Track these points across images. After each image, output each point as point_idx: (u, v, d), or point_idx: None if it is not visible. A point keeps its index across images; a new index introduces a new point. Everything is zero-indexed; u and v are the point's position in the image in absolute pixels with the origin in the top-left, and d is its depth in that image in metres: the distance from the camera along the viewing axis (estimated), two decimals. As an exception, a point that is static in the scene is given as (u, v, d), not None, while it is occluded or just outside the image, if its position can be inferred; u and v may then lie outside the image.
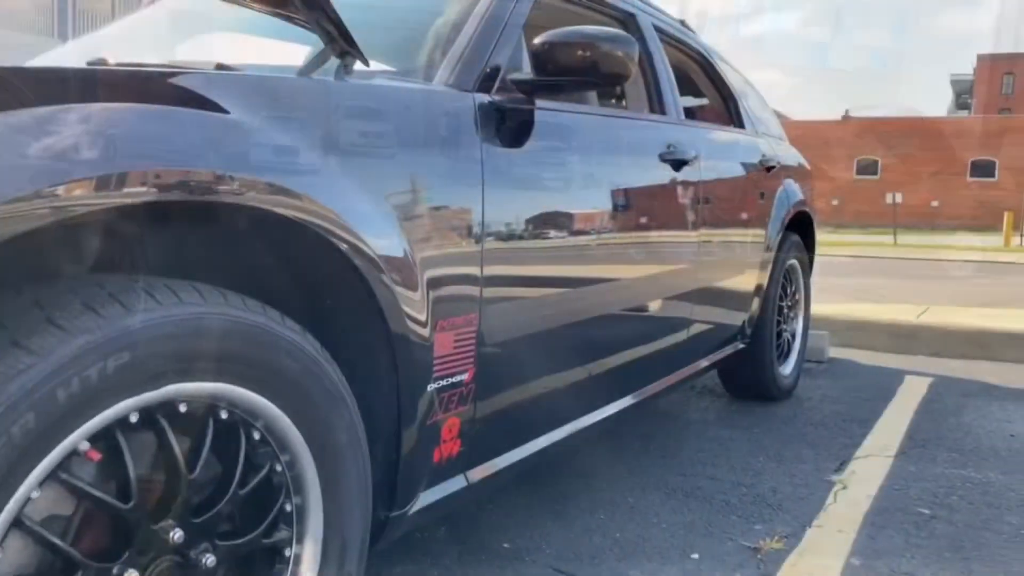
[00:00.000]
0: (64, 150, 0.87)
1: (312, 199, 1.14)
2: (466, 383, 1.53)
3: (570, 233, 1.83)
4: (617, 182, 2.06)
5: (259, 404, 1.11)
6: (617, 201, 2.04)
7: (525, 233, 1.67)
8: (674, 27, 2.97)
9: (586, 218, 1.90)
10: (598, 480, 2.41)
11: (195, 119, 1.03)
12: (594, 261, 1.93)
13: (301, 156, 1.16)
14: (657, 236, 2.25)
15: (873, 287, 8.72)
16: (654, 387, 2.40)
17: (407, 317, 1.32)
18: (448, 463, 1.54)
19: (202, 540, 1.06)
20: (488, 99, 1.65)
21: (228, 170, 1.02)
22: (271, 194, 1.08)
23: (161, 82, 1.07)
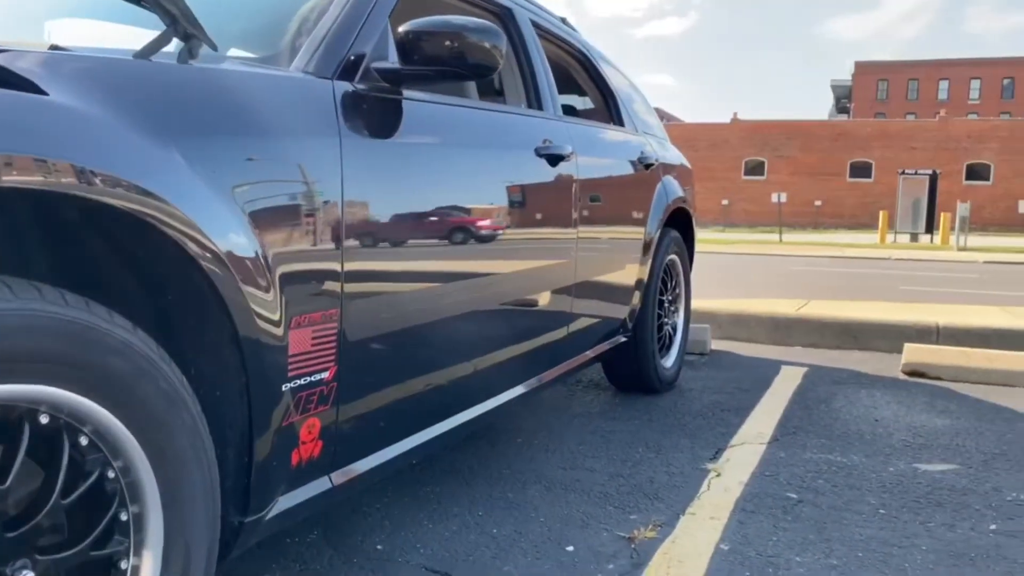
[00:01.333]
0: None
1: (148, 190, 1.07)
2: (327, 382, 1.48)
3: (440, 227, 1.80)
4: (491, 176, 2.05)
5: (85, 407, 1.03)
6: (490, 195, 2.02)
7: (391, 227, 1.63)
8: (554, 24, 2.98)
9: (458, 212, 1.88)
10: (477, 477, 2.39)
11: (7, 100, 0.95)
12: (466, 256, 1.91)
13: (136, 144, 1.09)
14: (533, 231, 2.24)
15: (757, 283, 9.07)
16: (534, 382, 2.40)
17: (256, 315, 1.26)
18: (309, 465, 1.49)
19: (19, 555, 0.97)
20: (350, 88, 1.60)
21: (47, 156, 0.94)
22: (102, 184, 1.00)
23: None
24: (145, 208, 1.07)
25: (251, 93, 1.39)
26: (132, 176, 1.06)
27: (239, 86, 1.38)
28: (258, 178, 1.31)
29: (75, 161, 0.98)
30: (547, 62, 2.67)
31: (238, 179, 1.27)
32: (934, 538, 2.01)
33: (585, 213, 2.56)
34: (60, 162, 0.96)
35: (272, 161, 1.35)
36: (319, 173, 1.44)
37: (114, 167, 1.04)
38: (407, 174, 1.72)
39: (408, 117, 1.76)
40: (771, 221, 34.56)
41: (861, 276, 10.78)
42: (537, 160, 2.27)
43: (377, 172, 1.61)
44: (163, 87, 1.22)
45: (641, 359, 3.32)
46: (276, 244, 1.32)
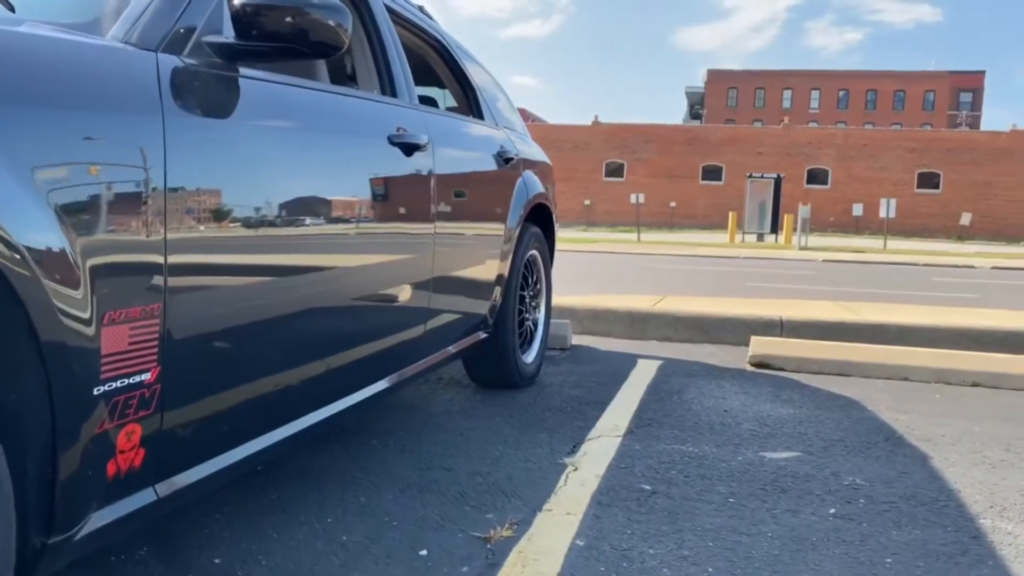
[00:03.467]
0: None
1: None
2: (148, 384, 1.34)
3: (279, 217, 1.68)
4: (338, 163, 1.95)
5: None
6: (338, 183, 1.92)
7: (224, 216, 1.50)
8: (410, 12, 2.90)
9: (301, 201, 1.76)
10: (329, 481, 2.28)
11: None
12: (311, 248, 1.80)
13: None
14: (386, 224, 2.15)
15: (616, 280, 9.31)
16: (390, 380, 2.31)
17: (59, 311, 1.12)
18: (129, 476, 1.34)
19: None
20: (178, 62, 1.46)
21: None
22: None
23: None
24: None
25: (58, 62, 1.23)
26: None
27: (43, 53, 1.22)
28: (65, 158, 1.16)
29: None
30: (402, 49, 2.58)
31: (40, 159, 1.12)
32: (779, 524, 2.07)
33: (443, 207, 2.49)
34: None
35: (82, 140, 1.20)
36: (138, 154, 1.30)
37: None
38: (243, 159, 1.60)
39: (245, 97, 1.63)
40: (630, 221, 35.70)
41: (712, 273, 11.29)
42: (390, 148, 2.18)
43: (208, 156, 1.48)
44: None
45: (502, 355, 3.29)
46: (86, 234, 1.18)
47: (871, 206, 34.13)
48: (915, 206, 41.89)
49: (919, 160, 43.09)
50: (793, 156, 43.66)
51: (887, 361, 4.00)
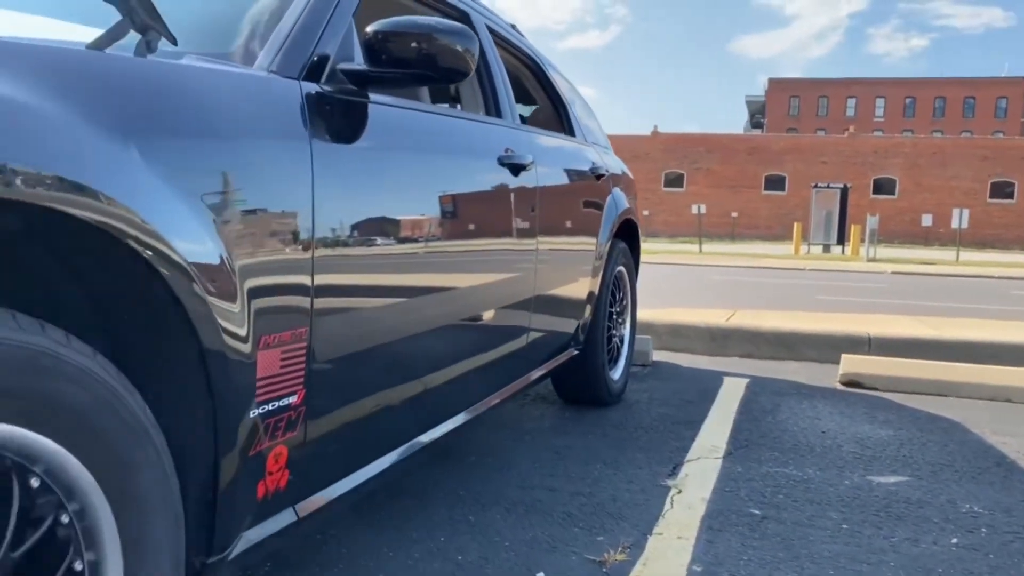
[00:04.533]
0: None
1: (107, 196, 0.95)
2: (295, 406, 1.37)
3: (408, 238, 1.70)
4: (457, 185, 1.96)
5: (37, 444, 0.90)
6: (457, 205, 1.94)
7: (360, 238, 1.53)
8: (506, 30, 2.92)
9: (425, 222, 1.78)
10: (434, 500, 2.29)
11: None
12: (433, 268, 1.82)
13: (94, 144, 0.97)
14: (497, 243, 2.16)
15: (682, 293, 9.20)
16: (494, 398, 2.32)
17: (224, 334, 1.15)
18: (275, 497, 1.37)
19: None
20: (317, 89, 1.49)
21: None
22: (55, 189, 0.88)
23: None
24: (110, 219, 0.95)
25: (218, 92, 1.27)
26: (96, 183, 0.93)
27: (205, 84, 1.26)
28: (227, 184, 1.20)
29: (26, 165, 0.85)
30: (504, 69, 2.60)
31: (205, 184, 1.15)
32: (899, 553, 2.01)
33: (544, 225, 2.50)
34: (27, 168, 0.84)
35: (241, 165, 1.24)
36: (290, 179, 1.33)
37: (78, 173, 0.92)
38: (374, 182, 1.62)
39: (375, 122, 1.65)
40: (690, 232, 35.35)
41: (779, 286, 11.08)
42: (500, 169, 2.19)
43: (345, 179, 1.51)
44: (121, 82, 1.09)
45: (591, 372, 3.27)
46: (245, 256, 1.21)
47: (940, 216, 33.17)
48: (988, 216, 40.60)
49: (992, 169, 41.74)
50: (858, 165, 42.71)
51: (987, 381, 3.86)
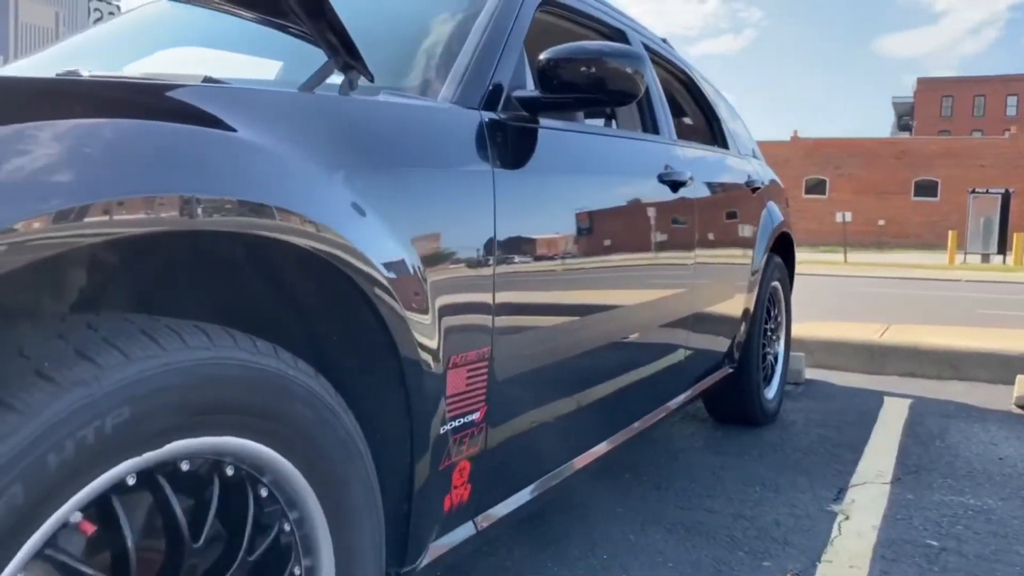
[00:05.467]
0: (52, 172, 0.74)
1: (327, 226, 1.02)
2: (477, 423, 1.42)
3: (576, 258, 1.73)
4: (621, 204, 1.98)
5: (269, 458, 0.98)
6: (621, 224, 1.95)
7: (533, 259, 1.57)
8: (658, 44, 2.92)
9: (591, 242, 1.81)
10: (593, 516, 2.30)
11: (204, 138, 0.91)
12: (599, 287, 1.84)
13: (314, 179, 1.05)
14: (658, 260, 2.16)
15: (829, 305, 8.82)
16: (655, 415, 2.31)
17: (421, 353, 1.21)
18: (458, 510, 1.42)
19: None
20: (495, 117, 1.55)
21: (238, 195, 0.90)
22: (284, 221, 0.96)
23: (161, 96, 0.95)
24: (329, 247, 1.02)
25: (412, 124, 1.34)
26: (318, 215, 1.01)
27: (401, 117, 1.33)
28: (422, 210, 1.26)
29: (273, 202, 0.94)
30: (660, 85, 2.59)
31: (404, 211, 1.22)
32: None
33: (701, 240, 2.47)
34: (264, 203, 0.92)
35: (436, 193, 1.30)
36: (475, 204, 1.39)
37: (298, 204, 1.00)
38: (545, 203, 1.66)
39: (544, 145, 1.70)
40: (833, 240, 33.85)
41: (934, 299, 10.42)
42: (660, 187, 2.19)
43: (521, 202, 1.55)
44: (334, 120, 1.18)
45: (746, 390, 3.20)
46: (438, 280, 1.27)
47: (1120, 222, 30.26)
48: None
49: None
50: (1021, 169, 39.62)
51: None
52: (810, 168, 43.17)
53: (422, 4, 1.88)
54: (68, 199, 0.73)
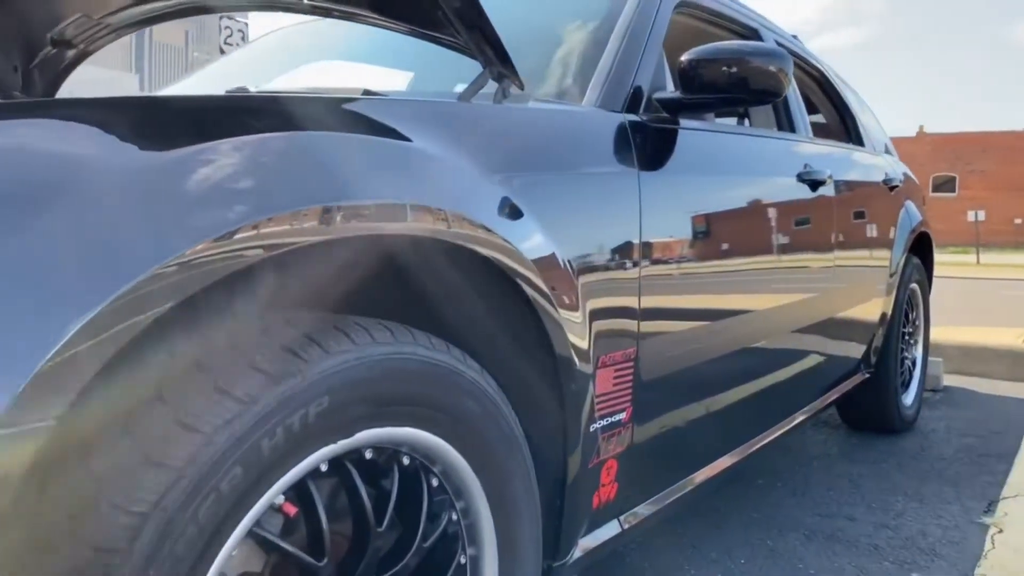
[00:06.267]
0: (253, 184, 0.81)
1: (492, 229, 1.07)
2: (624, 423, 1.44)
3: (717, 259, 1.73)
4: (761, 205, 1.95)
5: (440, 449, 1.03)
6: (760, 225, 1.93)
7: (676, 260, 1.57)
8: (791, 42, 2.85)
9: (731, 243, 1.79)
10: (727, 521, 2.28)
11: (386, 148, 0.97)
12: (740, 289, 1.83)
13: (480, 185, 1.09)
14: (797, 261, 2.12)
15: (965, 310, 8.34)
16: (791, 420, 2.27)
17: (574, 353, 1.24)
18: (605, 508, 1.44)
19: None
20: (637, 119, 1.57)
21: (419, 201, 0.95)
22: (457, 226, 1.01)
23: (341, 109, 1.01)
24: (494, 251, 1.07)
25: (560, 129, 1.38)
26: (485, 220, 1.06)
27: (550, 122, 1.37)
28: (574, 214, 1.30)
29: (446, 208, 0.99)
30: (795, 82, 2.54)
31: (557, 215, 1.25)
32: None
33: (840, 241, 2.41)
34: (439, 209, 0.97)
35: (585, 195, 1.33)
36: (622, 207, 1.41)
37: (467, 208, 1.05)
38: (686, 205, 1.66)
39: (685, 146, 1.70)
40: (963, 241, 31.98)
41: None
42: (800, 186, 2.15)
43: (664, 204, 1.56)
44: (491, 127, 1.23)
45: (883, 396, 3.08)
46: (587, 281, 1.29)
47: None
48: None
49: None
50: None
51: None
52: (938, 165, 40.94)
53: (562, 11, 1.92)
54: (282, 207, 0.80)
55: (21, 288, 0.65)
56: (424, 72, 2.14)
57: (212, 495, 0.75)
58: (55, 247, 0.68)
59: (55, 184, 0.70)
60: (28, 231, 0.67)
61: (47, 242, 0.67)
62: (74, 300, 0.67)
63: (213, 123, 0.86)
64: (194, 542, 0.74)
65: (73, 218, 0.69)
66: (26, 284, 0.65)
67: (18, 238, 0.66)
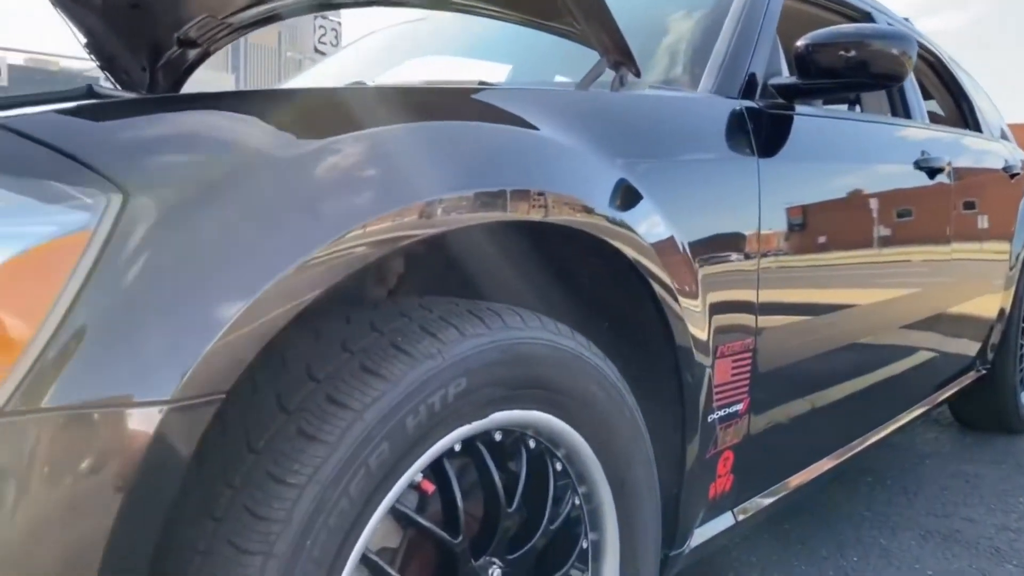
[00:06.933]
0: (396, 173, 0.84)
1: (622, 223, 1.07)
2: (740, 414, 1.42)
3: (833, 250, 1.68)
4: (878, 192, 1.89)
5: (565, 433, 1.04)
6: (878, 215, 1.87)
7: (794, 250, 1.54)
8: (904, 24, 2.75)
9: (848, 233, 1.74)
10: (836, 518, 2.22)
11: (517, 137, 0.98)
12: (855, 281, 1.77)
13: (606, 173, 1.10)
14: (912, 253, 2.04)
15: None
16: (905, 415, 2.19)
17: (694, 341, 1.23)
18: (720, 499, 1.43)
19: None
20: (753, 106, 1.54)
21: (550, 188, 0.96)
22: (583, 215, 1.02)
23: (470, 99, 1.03)
24: (614, 238, 1.07)
25: (678, 116, 1.37)
26: (609, 209, 1.06)
27: (667, 109, 1.36)
28: (694, 204, 1.29)
29: (575, 195, 1.00)
30: (909, 67, 2.44)
31: (677, 203, 1.25)
32: None
33: (958, 232, 2.31)
34: (569, 196, 0.98)
35: (704, 183, 1.32)
36: (742, 196, 1.39)
37: (593, 196, 1.05)
38: (802, 193, 1.62)
39: (800, 133, 1.66)
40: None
41: None
42: (917, 174, 2.07)
43: (781, 192, 1.53)
44: (610, 114, 1.23)
45: (1000, 394, 2.94)
46: (706, 270, 1.28)
47: None
48: None
49: None
50: None
51: None
52: (1050, 153, 38.53)
53: (675, -1, 1.90)
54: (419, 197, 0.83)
55: (191, 277, 0.69)
56: (521, 66, 2.16)
57: (362, 470, 0.78)
58: (219, 237, 0.71)
59: (220, 175, 0.74)
60: (197, 221, 0.70)
61: (211, 232, 0.71)
62: (236, 288, 0.70)
63: (350, 114, 0.89)
64: (346, 515, 0.77)
65: (236, 208, 0.73)
66: (195, 273, 0.69)
67: (187, 228, 0.70)
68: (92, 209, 0.67)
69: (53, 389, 0.62)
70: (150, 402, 0.64)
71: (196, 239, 0.69)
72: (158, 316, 0.66)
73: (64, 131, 0.72)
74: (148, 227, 0.67)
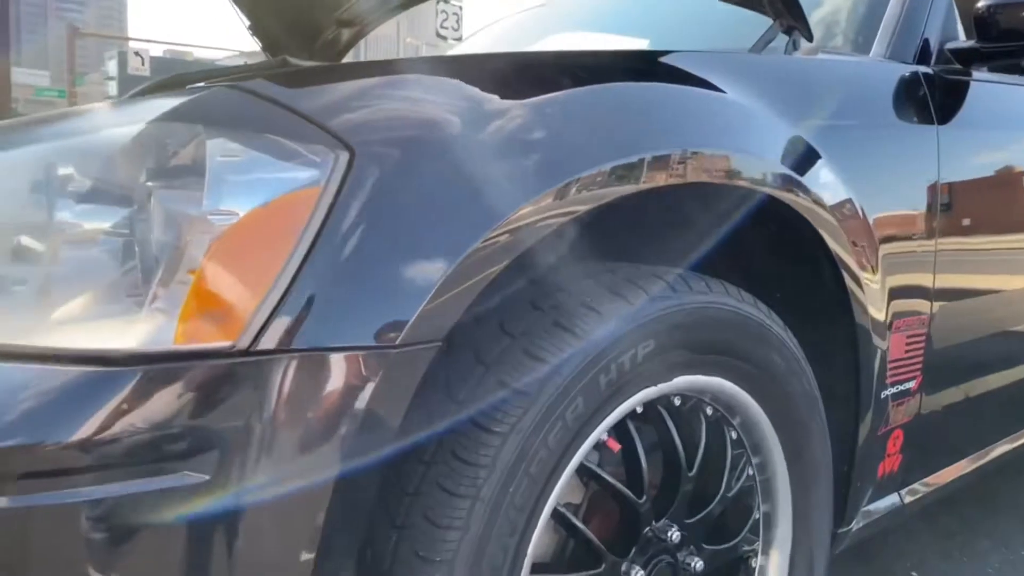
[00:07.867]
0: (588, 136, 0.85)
1: (807, 188, 1.05)
2: (912, 391, 1.36)
3: (1012, 223, 1.59)
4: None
5: (742, 401, 1.03)
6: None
7: (973, 221, 1.46)
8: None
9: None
10: (1000, 509, 2.10)
11: (710, 100, 0.98)
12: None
13: (791, 140, 1.08)
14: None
15: None
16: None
17: (871, 314, 1.19)
18: (888, 479, 1.38)
19: (692, 543, 1.00)
20: (929, 71, 1.46)
21: (742, 150, 0.95)
22: (773, 183, 1.00)
23: (655, 63, 1.03)
24: (806, 208, 1.05)
25: (853, 80, 1.32)
26: (798, 175, 1.04)
27: (841, 74, 1.32)
28: (874, 173, 1.24)
29: (763, 161, 0.98)
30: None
31: (855, 172, 1.20)
32: None
33: None
34: (755, 161, 0.97)
35: (882, 151, 1.27)
36: (921, 166, 1.33)
37: (786, 167, 1.04)
38: (981, 164, 1.54)
39: (978, 99, 1.57)
40: None
41: None
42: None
43: (960, 163, 1.45)
44: (786, 78, 1.20)
45: None
46: (885, 242, 1.23)
47: None
48: None
49: None
50: None
51: None
52: None
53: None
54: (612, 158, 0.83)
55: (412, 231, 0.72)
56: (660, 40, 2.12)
57: (559, 423, 0.80)
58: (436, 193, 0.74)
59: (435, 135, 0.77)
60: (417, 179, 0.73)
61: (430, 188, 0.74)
62: (450, 243, 0.73)
63: (550, 77, 0.90)
64: (545, 465, 0.79)
65: (450, 167, 0.75)
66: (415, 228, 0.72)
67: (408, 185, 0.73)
68: (321, 167, 0.71)
69: (292, 332, 0.67)
70: (383, 346, 0.67)
71: (417, 195, 0.72)
72: (384, 267, 0.70)
73: (295, 93, 0.76)
74: (373, 183, 0.71)
